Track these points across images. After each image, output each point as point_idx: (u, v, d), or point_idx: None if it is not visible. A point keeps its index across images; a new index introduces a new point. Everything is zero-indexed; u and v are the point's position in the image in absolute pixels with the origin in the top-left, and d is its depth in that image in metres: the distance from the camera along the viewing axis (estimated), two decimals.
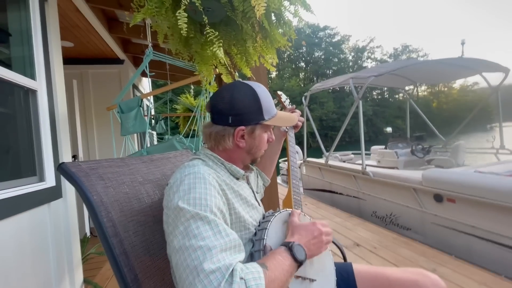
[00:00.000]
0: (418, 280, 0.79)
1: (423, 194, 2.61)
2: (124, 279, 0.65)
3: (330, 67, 50.71)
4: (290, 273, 0.59)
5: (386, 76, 3.78)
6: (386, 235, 2.64)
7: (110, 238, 0.66)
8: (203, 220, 0.56)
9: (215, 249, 0.52)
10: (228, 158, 0.78)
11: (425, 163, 4.35)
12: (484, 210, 2.10)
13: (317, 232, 0.69)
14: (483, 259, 2.07)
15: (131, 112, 1.97)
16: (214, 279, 0.48)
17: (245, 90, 0.76)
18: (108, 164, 0.80)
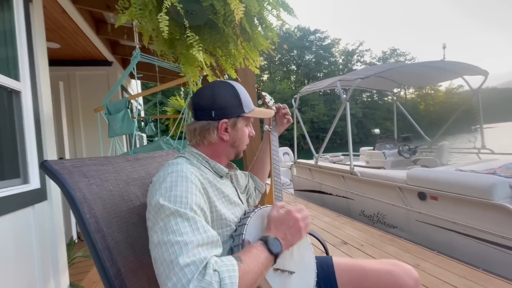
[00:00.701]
0: (393, 270, 0.83)
1: (408, 192, 2.68)
2: (107, 273, 0.67)
3: (321, 70, 51.37)
4: (266, 266, 0.61)
5: (373, 78, 3.88)
6: (372, 233, 2.70)
7: (93, 233, 0.67)
8: (182, 217, 0.58)
9: (191, 244, 0.54)
10: (213, 153, 0.81)
11: (412, 163, 4.47)
12: (464, 207, 2.19)
13: (292, 222, 0.70)
14: (463, 253, 2.15)
15: (118, 114, 1.97)
16: (188, 272, 0.50)
17: (225, 87, 0.80)
18: (91, 162, 0.82)
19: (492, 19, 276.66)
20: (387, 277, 0.82)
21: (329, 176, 4.01)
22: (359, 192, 3.39)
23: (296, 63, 51.87)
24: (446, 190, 2.29)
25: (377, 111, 45.17)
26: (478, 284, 1.72)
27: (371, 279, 0.83)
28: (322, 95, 38.73)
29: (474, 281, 1.76)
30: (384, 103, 47.44)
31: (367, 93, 47.41)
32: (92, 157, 0.85)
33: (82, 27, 2.58)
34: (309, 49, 51.85)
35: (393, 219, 2.89)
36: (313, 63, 51.73)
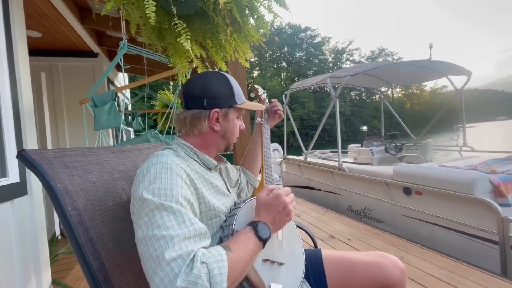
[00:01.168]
0: (380, 262, 0.84)
1: (394, 188, 2.75)
2: (90, 267, 0.64)
3: (311, 67, 51.72)
4: (255, 252, 0.60)
5: (362, 76, 3.94)
6: (359, 227, 2.75)
7: (75, 226, 0.65)
8: (167, 210, 0.56)
9: (177, 238, 0.52)
10: (202, 144, 0.79)
11: (398, 160, 4.59)
12: (447, 201, 2.26)
13: (282, 206, 0.69)
14: (445, 246, 2.23)
15: (104, 106, 1.90)
16: (175, 266, 0.49)
17: (217, 77, 0.78)
18: (74, 153, 0.78)
19: (481, 21, 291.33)
20: (374, 269, 0.83)
21: (318, 172, 4.05)
22: (347, 187, 3.45)
23: (287, 60, 51.99)
24: (430, 185, 2.37)
25: (365, 109, 46.05)
26: (458, 275, 1.79)
27: (359, 270, 0.84)
28: (312, 92, 39.06)
29: (455, 272, 1.83)
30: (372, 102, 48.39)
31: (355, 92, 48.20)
32: (74, 147, 0.81)
33: (65, 15, 2.47)
34: (299, 47, 52.05)
35: (379, 214, 2.96)
36: (304, 61, 52.00)
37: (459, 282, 1.72)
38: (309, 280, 0.86)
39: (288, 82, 47.52)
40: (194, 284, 0.47)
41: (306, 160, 4.34)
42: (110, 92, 1.97)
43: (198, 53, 1.46)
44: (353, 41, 58.51)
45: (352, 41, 58.68)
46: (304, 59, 52.24)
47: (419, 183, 2.46)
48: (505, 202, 1.99)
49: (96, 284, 0.64)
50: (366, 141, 5.21)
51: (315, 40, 54.06)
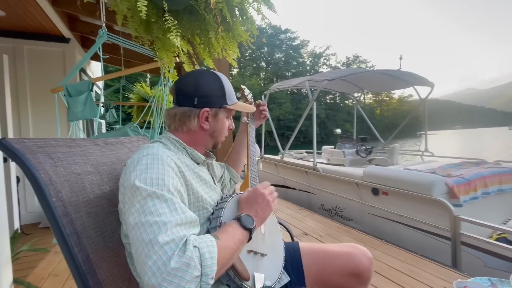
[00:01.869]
0: (351, 252, 0.93)
1: (363, 188, 2.94)
2: (75, 259, 0.64)
3: (289, 69, 52.64)
4: (242, 241, 0.65)
5: (338, 81, 4.13)
6: (331, 224, 2.90)
7: (60, 217, 0.64)
8: (160, 198, 0.58)
9: (170, 224, 0.55)
10: (191, 141, 0.81)
11: (367, 162, 4.88)
12: (409, 201, 2.48)
13: (260, 198, 0.74)
14: (406, 242, 2.44)
15: (80, 96, 1.81)
16: (168, 249, 0.51)
17: (210, 76, 0.80)
18: (56, 143, 0.76)
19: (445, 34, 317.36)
20: (346, 258, 0.91)
21: (294, 171, 4.18)
22: (320, 187, 3.61)
23: (266, 60, 52.37)
24: (395, 186, 2.57)
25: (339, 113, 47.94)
26: (417, 268, 1.98)
27: (333, 260, 0.92)
28: (289, 94, 39.79)
29: (414, 265, 2.02)
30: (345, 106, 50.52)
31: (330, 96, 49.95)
32: (56, 138, 0.79)
33: None
34: (279, 48, 52.70)
35: (349, 212, 3.14)
36: (282, 62, 52.75)
37: (417, 274, 1.90)
38: (288, 271, 0.92)
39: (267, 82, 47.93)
40: (187, 266, 0.50)
41: (283, 160, 4.45)
42: (86, 82, 1.88)
43: (185, 48, 1.46)
44: (330, 46, 60.61)
45: (329, 46, 60.75)
46: (283, 60, 53.02)
47: (386, 184, 2.66)
48: (457, 203, 2.23)
49: (82, 276, 0.64)
50: (339, 143, 5.47)
51: (294, 43, 55.11)
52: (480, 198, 2.41)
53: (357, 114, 5.86)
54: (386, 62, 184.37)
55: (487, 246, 1.93)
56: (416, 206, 2.42)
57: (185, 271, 0.50)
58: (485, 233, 2.31)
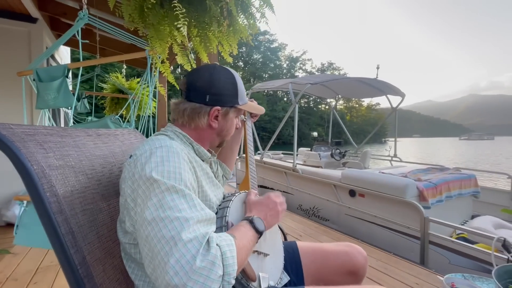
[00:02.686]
0: (348, 251, 0.95)
1: (341, 190, 3.05)
2: (71, 262, 0.57)
3: (266, 71, 53.15)
4: (253, 243, 0.64)
5: (317, 86, 4.25)
6: (309, 224, 2.98)
7: (55, 215, 0.57)
8: (179, 193, 0.55)
9: (192, 220, 0.52)
10: (197, 138, 0.77)
11: (341, 165, 5.08)
12: (384, 203, 2.63)
13: (272, 205, 0.75)
14: (380, 241, 2.58)
15: (53, 82, 1.65)
16: (192, 247, 0.48)
17: (225, 73, 0.77)
18: (47, 132, 0.68)
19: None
20: (344, 257, 0.94)
21: (272, 172, 4.22)
22: (298, 187, 3.68)
23: (244, 60, 52.34)
24: (371, 188, 2.71)
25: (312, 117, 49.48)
26: (390, 265, 2.10)
27: (331, 259, 0.94)
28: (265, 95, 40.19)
29: (387, 263, 2.14)
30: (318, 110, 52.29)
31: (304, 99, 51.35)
32: (45, 125, 0.70)
33: None
34: (257, 49, 52.97)
35: (326, 213, 3.24)
36: (260, 63, 53.12)
37: (391, 271, 2.02)
38: (287, 270, 0.92)
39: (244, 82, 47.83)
40: (212, 264, 0.48)
41: (262, 160, 4.47)
42: (61, 67, 1.71)
43: (180, 39, 1.39)
44: (306, 51, 62.26)
45: (306, 51, 62.39)
46: (260, 61, 53.40)
47: (363, 187, 2.79)
48: (426, 205, 2.41)
49: (78, 280, 0.58)
50: (315, 146, 5.64)
51: (272, 45, 55.78)
52: (444, 201, 2.63)
53: (330, 118, 6.08)
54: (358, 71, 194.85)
55: (452, 245, 2.11)
56: (389, 208, 2.57)
57: (211, 270, 0.47)
58: (447, 233, 2.53)
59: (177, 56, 1.41)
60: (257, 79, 49.48)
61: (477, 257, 1.98)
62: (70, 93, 1.70)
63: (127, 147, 0.97)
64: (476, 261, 1.99)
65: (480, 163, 20.68)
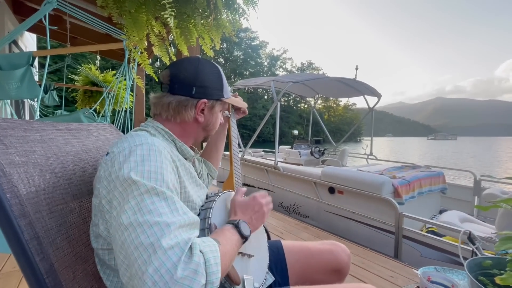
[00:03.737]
0: (332, 249, 0.96)
1: (321, 187, 3.11)
2: (36, 271, 0.51)
3: (247, 68, 53.00)
4: (237, 247, 0.61)
5: (298, 85, 4.29)
6: (290, 222, 3.00)
7: (17, 219, 0.50)
8: (159, 196, 0.51)
9: (174, 225, 0.48)
10: (182, 133, 0.73)
11: (320, 163, 5.20)
12: (361, 200, 2.72)
13: (258, 207, 0.73)
14: (357, 236, 2.67)
15: (15, 71, 1.49)
16: (173, 254, 0.45)
17: (210, 66, 0.74)
18: (7, 125, 0.60)
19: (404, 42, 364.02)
20: (328, 255, 0.94)
21: (254, 169, 4.21)
22: (279, 185, 3.71)
23: (225, 56, 51.75)
24: (350, 185, 2.79)
25: (291, 115, 50.25)
26: (367, 260, 2.17)
27: (315, 257, 0.94)
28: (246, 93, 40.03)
29: (364, 257, 2.22)
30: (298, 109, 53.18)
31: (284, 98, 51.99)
32: (6, 118, 0.62)
33: None
34: (238, 46, 52.60)
35: (306, 210, 3.29)
36: (241, 60, 52.82)
37: (367, 265, 2.09)
38: (272, 270, 0.91)
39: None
40: (194, 273, 0.44)
41: (244, 158, 4.44)
42: (25, 54, 1.56)
43: (158, 30, 1.32)
44: (287, 50, 62.93)
45: (287, 50, 63.01)
46: (241, 58, 53.10)
47: (342, 184, 2.86)
48: (401, 201, 2.53)
49: None
50: (296, 144, 5.72)
51: (253, 42, 55.68)
52: (416, 197, 2.77)
53: (309, 117, 6.20)
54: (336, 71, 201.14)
55: (423, 238, 2.23)
56: (366, 204, 2.67)
57: (193, 279, 0.44)
58: (418, 227, 2.67)
59: (154, 47, 1.33)
60: (238, 76, 49.19)
61: (446, 249, 2.11)
62: (35, 83, 1.56)
63: (102, 143, 0.89)
64: (444, 253, 2.12)
65: (445, 161, 22.28)
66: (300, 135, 7.47)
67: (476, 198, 3.42)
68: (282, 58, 61.21)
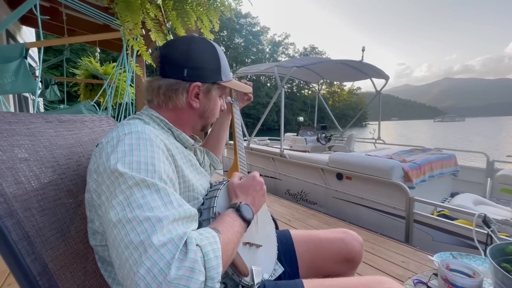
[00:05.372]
0: (344, 237, 0.91)
1: (328, 173, 3.06)
2: (27, 273, 0.48)
3: (249, 56, 52.16)
4: (241, 234, 0.57)
5: (303, 70, 4.16)
6: (297, 209, 2.98)
7: (2, 219, 0.47)
8: (150, 188, 0.46)
9: (166, 220, 0.43)
10: (177, 120, 0.67)
11: (327, 149, 5.12)
12: (370, 185, 2.66)
13: (259, 186, 0.69)
14: (366, 222, 2.63)
15: (9, 64, 1.45)
16: (166, 252, 0.40)
17: (204, 44, 0.67)
18: None
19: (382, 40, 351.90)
20: (339, 244, 0.90)
21: (260, 158, 4.17)
22: (286, 173, 3.66)
23: (226, 44, 50.90)
24: (358, 171, 2.72)
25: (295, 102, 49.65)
26: (377, 245, 2.14)
27: (326, 246, 0.89)
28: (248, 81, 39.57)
29: (374, 243, 2.18)
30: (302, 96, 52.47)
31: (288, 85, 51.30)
32: None
33: None
34: (239, 32, 51.59)
35: (314, 197, 3.26)
36: (242, 47, 51.93)
37: (378, 251, 2.06)
38: (281, 260, 0.87)
39: None
40: (191, 271, 0.40)
41: (249, 146, 4.39)
42: (17, 46, 1.51)
43: (153, 13, 1.24)
44: (289, 35, 61.44)
45: (288, 35, 61.53)
46: (243, 46, 52.18)
47: (349, 169, 2.80)
48: (411, 185, 2.46)
49: None
50: (302, 131, 5.62)
51: (254, 29, 54.48)
52: (427, 180, 2.70)
53: (314, 103, 6.06)
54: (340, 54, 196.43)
55: (435, 222, 2.17)
56: (376, 189, 2.61)
57: (190, 278, 0.39)
58: (428, 211, 2.61)
59: (151, 33, 1.26)
60: (240, 64, 48.53)
61: (459, 233, 2.05)
62: (31, 76, 1.51)
63: (98, 135, 0.85)
64: (457, 237, 2.06)
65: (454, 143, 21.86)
66: (305, 121, 7.36)
67: (489, 180, 3.32)
68: (284, 43, 59.97)
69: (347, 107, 68.00)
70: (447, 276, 0.75)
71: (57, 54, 3.34)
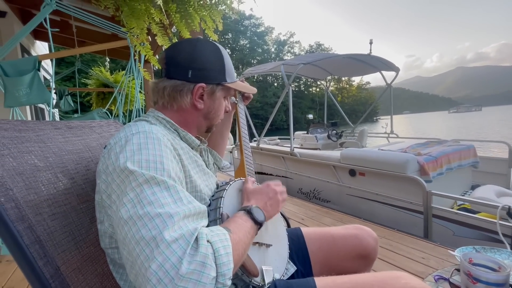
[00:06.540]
0: (358, 234, 0.88)
1: (340, 170, 3.00)
2: (40, 276, 0.48)
3: (255, 56, 52.24)
4: (252, 236, 0.57)
5: (310, 66, 4.11)
6: (310, 207, 2.94)
7: (14, 223, 0.47)
8: (160, 185, 0.46)
9: (177, 216, 0.44)
10: (182, 121, 0.68)
11: (338, 146, 5.03)
12: (384, 180, 2.59)
13: (272, 193, 0.68)
14: (382, 218, 2.56)
15: (23, 77, 1.50)
16: (177, 248, 0.40)
17: (209, 46, 0.67)
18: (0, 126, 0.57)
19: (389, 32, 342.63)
20: (353, 240, 0.87)
21: (270, 157, 4.15)
22: (297, 171, 3.63)
23: (231, 47, 51.23)
24: (371, 166, 2.66)
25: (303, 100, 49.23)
26: (395, 242, 2.08)
27: (339, 243, 0.87)
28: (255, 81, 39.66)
29: (391, 239, 2.12)
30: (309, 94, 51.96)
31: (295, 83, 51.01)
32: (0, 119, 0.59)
33: None
34: (244, 34, 51.83)
35: (327, 194, 3.20)
36: (248, 49, 52.11)
37: (395, 247, 1.99)
38: (293, 259, 0.85)
39: None
40: (202, 265, 0.40)
41: (259, 146, 4.38)
42: (30, 59, 1.57)
43: (158, 18, 1.26)
44: (294, 34, 61.08)
45: (293, 34, 61.18)
46: (248, 47, 52.37)
47: (362, 165, 2.74)
48: (428, 179, 2.38)
49: None
50: (312, 128, 5.56)
51: (259, 29, 54.57)
52: (445, 173, 2.60)
53: (323, 100, 5.99)
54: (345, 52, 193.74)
55: (456, 216, 2.09)
56: (391, 184, 2.53)
57: (201, 273, 0.39)
58: (447, 205, 2.51)
59: (157, 37, 1.27)
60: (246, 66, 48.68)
61: (482, 226, 1.96)
62: (44, 87, 1.57)
63: (106, 140, 0.86)
64: (480, 231, 1.97)
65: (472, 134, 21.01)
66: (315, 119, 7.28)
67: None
68: (290, 42, 59.64)
69: (357, 103, 66.85)
70: (470, 270, 0.71)
71: (69, 66, 3.46)
